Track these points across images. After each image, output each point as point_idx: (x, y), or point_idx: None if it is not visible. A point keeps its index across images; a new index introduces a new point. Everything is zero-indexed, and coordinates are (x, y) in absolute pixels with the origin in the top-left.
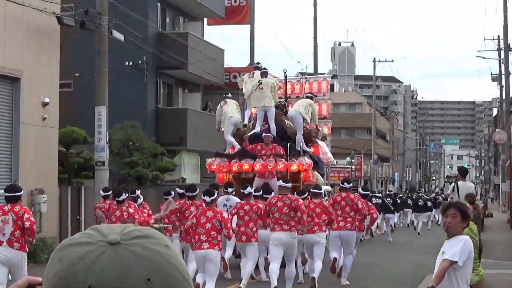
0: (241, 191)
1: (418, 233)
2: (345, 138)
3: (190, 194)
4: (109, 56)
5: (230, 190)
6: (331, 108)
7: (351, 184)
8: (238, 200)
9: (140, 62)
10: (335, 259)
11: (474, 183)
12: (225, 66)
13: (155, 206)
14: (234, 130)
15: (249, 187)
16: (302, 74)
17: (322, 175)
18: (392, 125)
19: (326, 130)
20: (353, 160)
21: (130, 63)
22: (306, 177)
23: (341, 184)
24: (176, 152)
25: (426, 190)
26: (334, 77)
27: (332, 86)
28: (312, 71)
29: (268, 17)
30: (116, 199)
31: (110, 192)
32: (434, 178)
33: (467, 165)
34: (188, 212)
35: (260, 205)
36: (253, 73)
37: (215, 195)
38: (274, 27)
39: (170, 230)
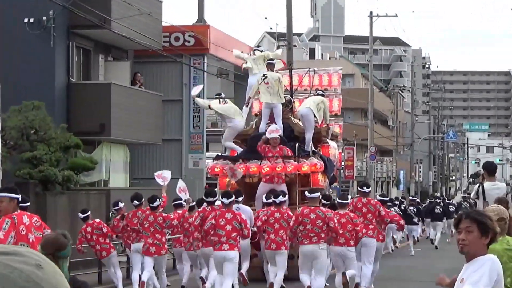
0: (273, 199)
1: (436, 247)
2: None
3: (211, 199)
4: (1, 12)
5: (240, 199)
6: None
7: (370, 189)
8: (248, 209)
9: (44, 18)
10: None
11: (508, 184)
12: (163, 24)
13: (69, 220)
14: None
15: (281, 196)
16: (271, 34)
17: (332, 181)
18: (396, 105)
19: (337, 129)
20: (342, 154)
21: (31, 21)
22: (315, 181)
23: (359, 189)
24: (96, 144)
25: (445, 194)
26: (315, 38)
27: (312, 51)
28: (284, 30)
29: None
30: (150, 205)
31: (89, 213)
32: (454, 178)
33: (500, 160)
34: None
35: (291, 213)
36: (254, 52)
37: (233, 197)
38: None
39: (180, 240)
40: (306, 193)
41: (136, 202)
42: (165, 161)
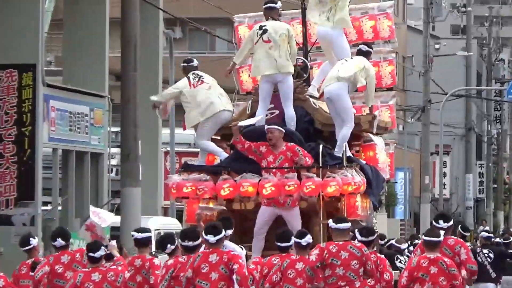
0: (296, 240)
1: None
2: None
3: (191, 244)
4: None
5: (229, 232)
6: None
7: (452, 223)
8: (234, 245)
9: None
10: None
11: None
12: None
13: None
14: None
15: (308, 236)
16: None
17: (377, 206)
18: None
19: (387, 114)
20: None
21: None
22: (350, 208)
23: (434, 222)
24: None
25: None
26: None
27: None
28: None
29: None
30: (90, 254)
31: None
32: None
33: None
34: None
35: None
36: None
37: (222, 233)
38: None
39: None
40: (330, 221)
41: (60, 241)
42: None
